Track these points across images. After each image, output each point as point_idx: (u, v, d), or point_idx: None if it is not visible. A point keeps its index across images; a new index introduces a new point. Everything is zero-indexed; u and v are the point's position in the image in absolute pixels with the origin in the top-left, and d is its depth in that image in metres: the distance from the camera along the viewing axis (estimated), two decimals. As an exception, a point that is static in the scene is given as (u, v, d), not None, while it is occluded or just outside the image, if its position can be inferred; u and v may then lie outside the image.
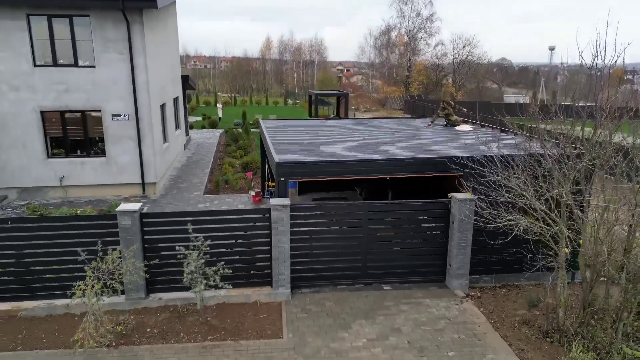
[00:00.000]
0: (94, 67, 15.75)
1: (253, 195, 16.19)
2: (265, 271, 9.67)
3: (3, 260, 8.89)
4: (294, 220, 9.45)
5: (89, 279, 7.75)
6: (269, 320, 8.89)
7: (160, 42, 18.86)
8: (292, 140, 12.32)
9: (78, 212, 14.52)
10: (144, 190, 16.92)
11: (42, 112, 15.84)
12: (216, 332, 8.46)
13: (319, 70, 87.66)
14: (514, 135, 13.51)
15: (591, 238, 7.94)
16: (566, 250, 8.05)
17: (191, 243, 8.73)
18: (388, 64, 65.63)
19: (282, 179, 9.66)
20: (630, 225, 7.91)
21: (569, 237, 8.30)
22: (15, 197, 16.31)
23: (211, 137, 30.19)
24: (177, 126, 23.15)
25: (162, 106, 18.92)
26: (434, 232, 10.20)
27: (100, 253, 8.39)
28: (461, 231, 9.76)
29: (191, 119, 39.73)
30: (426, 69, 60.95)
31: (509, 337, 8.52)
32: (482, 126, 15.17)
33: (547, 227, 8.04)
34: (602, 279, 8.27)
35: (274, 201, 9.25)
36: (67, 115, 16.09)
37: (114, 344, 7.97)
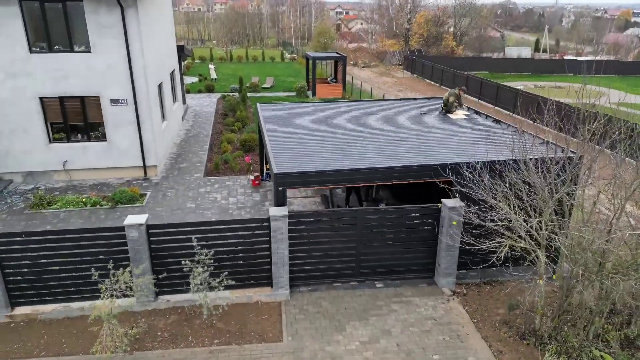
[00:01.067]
0: (90, 52, 15.69)
1: (252, 179, 16.65)
2: (266, 273, 10.33)
3: (21, 270, 9.49)
4: (293, 226, 10.00)
5: (103, 296, 8.39)
6: (269, 322, 9.65)
7: (155, 20, 18.61)
8: (292, 139, 12.56)
9: (83, 199, 15.05)
10: (145, 172, 17.34)
11: (41, 99, 15.95)
12: (222, 335, 9.23)
13: (316, 19, 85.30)
14: (507, 127, 13.87)
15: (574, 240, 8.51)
16: (541, 281, 8.67)
17: (196, 250, 9.32)
18: (388, 15, 63.86)
19: (280, 188, 10.11)
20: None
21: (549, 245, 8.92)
22: (20, 180, 16.74)
23: (208, 104, 30.16)
24: (175, 99, 23.19)
25: (160, 85, 18.95)
26: (425, 234, 10.77)
27: (112, 265, 8.99)
28: (449, 235, 10.34)
29: (187, 79, 39.38)
30: (427, 22, 59.36)
31: (489, 338, 9.32)
32: (477, 113, 15.38)
33: (529, 248, 8.60)
34: (577, 284, 8.92)
35: (273, 212, 9.74)
36: (66, 101, 16.20)
37: (128, 350, 8.73)
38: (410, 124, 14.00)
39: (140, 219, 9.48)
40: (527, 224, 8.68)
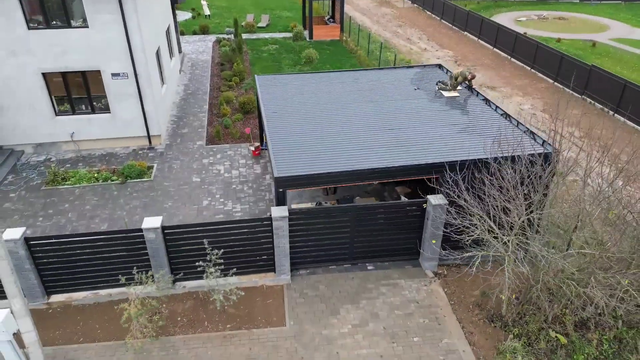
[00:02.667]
0: (88, 27, 15.79)
1: (253, 150, 17.49)
2: (269, 262, 11.64)
3: (53, 264, 10.76)
4: (293, 221, 11.13)
5: (132, 301, 9.73)
6: (274, 306, 11.13)
7: (148, -17, 18.29)
8: (293, 133, 13.11)
9: (95, 175, 16.02)
10: (150, 141, 18.11)
11: (43, 74, 16.29)
12: (233, 320, 10.73)
13: None
14: (495, 109, 14.54)
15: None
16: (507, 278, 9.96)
17: (206, 247, 10.53)
18: None
19: (280, 189, 11.10)
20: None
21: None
22: (31, 151, 17.55)
23: (204, 50, 29.94)
24: (172, 54, 23.24)
25: (157, 51, 19.08)
26: (412, 224, 11.93)
27: (134, 259, 10.29)
28: (433, 227, 11.54)
29: (179, 15, 38.37)
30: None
31: (463, 320, 10.87)
32: (470, 89, 15.84)
33: (501, 250, 9.82)
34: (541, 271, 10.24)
35: (274, 213, 10.82)
36: (68, 76, 16.55)
37: (154, 334, 10.24)
38: (404, 107, 14.57)
39: (156, 222, 10.56)
40: (500, 228, 9.82)
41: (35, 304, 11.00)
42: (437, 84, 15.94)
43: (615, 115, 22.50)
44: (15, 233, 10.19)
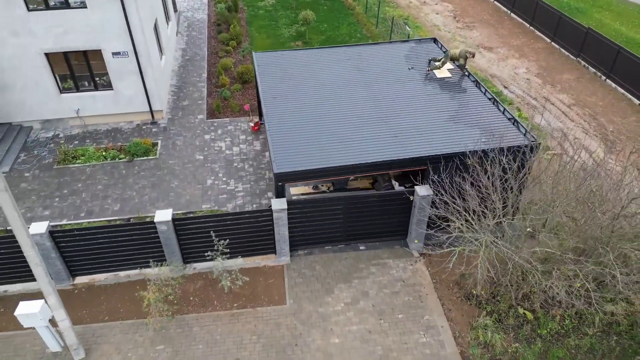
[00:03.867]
0: (86, 8, 15.97)
1: (252, 126, 18.21)
2: (270, 245, 12.84)
3: (77, 250, 11.95)
4: (292, 210, 12.20)
5: (151, 290, 11.00)
6: (275, 286, 12.46)
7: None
8: (290, 125, 13.73)
9: (103, 153, 16.87)
10: (152, 116, 18.77)
11: (46, 54, 16.67)
12: (239, 299, 12.09)
13: None
14: (484, 92, 15.17)
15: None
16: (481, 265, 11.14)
17: (214, 237, 11.70)
18: None
19: (279, 183, 12.06)
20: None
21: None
22: (39, 127, 18.27)
23: (199, 7, 29.57)
24: (168, 19, 23.23)
25: (155, 22, 19.22)
26: (401, 208, 13.00)
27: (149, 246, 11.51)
28: (420, 214, 12.64)
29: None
30: None
31: (443, 298, 12.25)
32: (462, 69, 16.30)
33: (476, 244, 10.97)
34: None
35: (275, 205, 11.86)
36: (70, 55, 16.92)
37: (171, 313, 11.63)
38: (397, 92, 15.14)
39: (167, 215, 11.62)
40: (480, 218, 10.93)
41: (62, 285, 12.32)
42: (429, 64, 16.39)
43: (607, 80, 22.90)
44: (40, 227, 11.29)
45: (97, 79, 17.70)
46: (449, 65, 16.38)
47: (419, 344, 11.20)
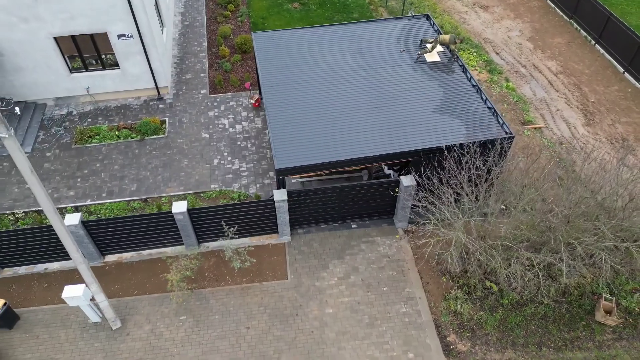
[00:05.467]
0: (90, -7, 16.59)
1: (253, 103, 19.36)
2: (273, 226, 14.66)
3: (105, 234, 13.80)
4: (292, 198, 13.88)
5: (174, 273, 12.94)
6: (278, 262, 14.43)
7: None
8: (290, 118, 14.91)
9: (116, 132, 18.21)
10: (158, 92, 19.83)
11: (55, 38, 17.47)
12: (247, 274, 14.11)
13: None
14: (469, 79, 16.25)
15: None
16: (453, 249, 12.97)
17: (225, 229, 13.50)
18: None
19: (280, 177, 13.62)
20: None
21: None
22: (53, 104, 19.42)
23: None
24: (166, -16, 23.41)
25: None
26: (388, 194, 14.66)
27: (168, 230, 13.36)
28: (405, 200, 14.33)
29: None
30: None
31: (422, 272, 14.27)
32: (452, 53, 17.17)
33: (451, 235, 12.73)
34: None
35: (276, 196, 13.51)
36: (77, 38, 17.71)
37: (190, 288, 13.69)
38: (389, 78, 16.20)
39: (182, 206, 13.30)
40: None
41: (95, 263, 14.29)
42: (420, 45, 17.27)
43: (596, 45, 23.57)
44: (74, 219, 13.03)
45: (104, 59, 18.58)
46: (439, 48, 17.26)
47: (399, 313, 13.37)
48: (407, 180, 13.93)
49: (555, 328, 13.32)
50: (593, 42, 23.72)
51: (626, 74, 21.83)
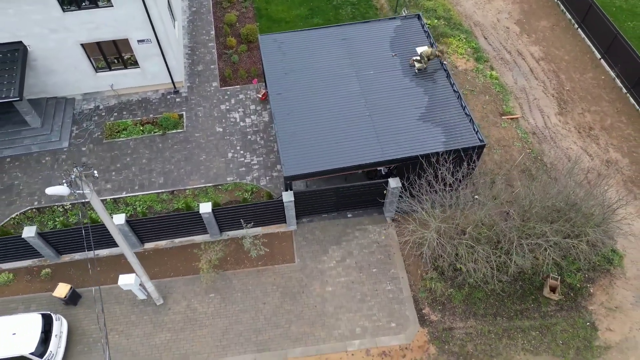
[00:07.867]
0: (112, 6, 18.34)
1: (260, 97, 21.57)
2: (282, 218, 17.60)
3: (145, 226, 16.79)
4: (298, 199, 16.70)
5: (203, 260, 16.03)
6: (286, 247, 17.51)
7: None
8: (296, 127, 17.23)
9: (141, 127, 20.63)
10: (174, 86, 21.98)
11: (82, 45, 19.43)
12: (261, 259, 17.23)
13: None
14: (452, 85, 18.48)
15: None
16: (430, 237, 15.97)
17: (243, 224, 16.45)
18: None
19: (288, 182, 16.35)
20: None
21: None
22: (81, 99, 21.67)
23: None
24: (173, -29, 24.67)
25: (167, -3, 21.31)
26: (379, 191, 17.44)
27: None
28: (392, 198, 17.16)
29: None
30: None
31: (405, 256, 17.39)
32: (440, 55, 19.14)
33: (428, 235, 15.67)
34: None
35: (285, 197, 16.31)
36: (102, 44, 19.64)
37: (216, 271, 16.87)
38: (380, 84, 18.38)
39: (208, 207, 16.15)
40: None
41: (136, 250, 17.40)
42: (410, 62, 19.09)
43: (579, 30, 25.21)
44: (120, 219, 15.93)
45: (126, 60, 20.59)
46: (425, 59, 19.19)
47: (385, 290, 16.64)
48: (393, 182, 16.66)
49: (510, 301, 16.64)
50: (576, 25, 25.32)
51: (602, 61, 23.74)
